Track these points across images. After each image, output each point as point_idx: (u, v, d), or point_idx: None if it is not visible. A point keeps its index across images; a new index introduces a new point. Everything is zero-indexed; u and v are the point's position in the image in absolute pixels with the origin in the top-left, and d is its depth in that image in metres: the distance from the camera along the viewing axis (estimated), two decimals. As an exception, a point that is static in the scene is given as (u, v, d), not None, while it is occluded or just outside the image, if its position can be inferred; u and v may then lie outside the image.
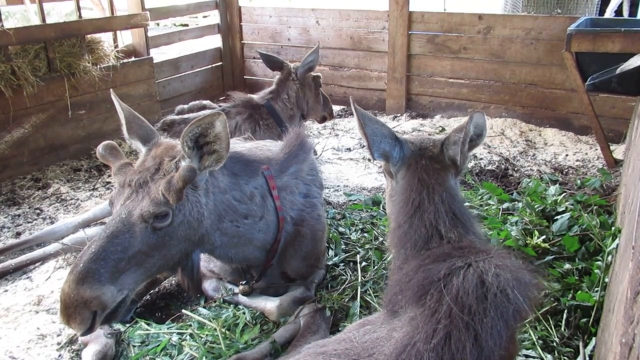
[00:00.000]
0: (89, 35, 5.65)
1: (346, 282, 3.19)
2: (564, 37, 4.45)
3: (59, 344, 2.83)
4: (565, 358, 2.54)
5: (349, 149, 5.90)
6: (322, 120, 5.43)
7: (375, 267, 3.31)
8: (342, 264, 3.43)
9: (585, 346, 2.56)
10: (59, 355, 2.75)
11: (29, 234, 4.10)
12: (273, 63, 5.00)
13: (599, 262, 2.98)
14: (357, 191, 4.79)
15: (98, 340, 2.67)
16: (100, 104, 5.83)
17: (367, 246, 3.57)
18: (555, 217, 3.57)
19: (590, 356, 2.49)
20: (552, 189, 4.06)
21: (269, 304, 2.96)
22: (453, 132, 2.22)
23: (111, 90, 2.73)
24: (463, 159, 2.19)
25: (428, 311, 1.73)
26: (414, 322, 1.74)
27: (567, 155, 5.49)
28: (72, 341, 2.84)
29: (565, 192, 4.26)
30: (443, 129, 6.31)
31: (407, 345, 1.65)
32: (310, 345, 2.00)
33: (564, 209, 3.70)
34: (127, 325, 2.90)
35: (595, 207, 3.77)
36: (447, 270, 1.82)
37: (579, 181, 4.61)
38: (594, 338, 2.57)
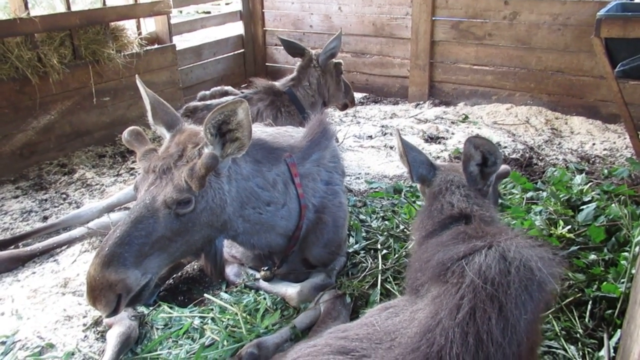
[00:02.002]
0: (112, 23, 5.70)
1: (367, 270, 3.19)
2: (593, 22, 4.33)
3: (84, 325, 2.90)
4: (589, 350, 2.51)
5: (370, 137, 5.86)
6: (344, 107, 5.39)
7: (396, 255, 3.30)
8: (362, 252, 3.42)
9: (609, 338, 2.52)
10: (85, 336, 2.82)
11: (55, 218, 4.19)
12: (294, 49, 4.97)
13: (626, 253, 2.92)
14: (379, 179, 4.77)
15: (122, 322, 2.72)
16: (124, 91, 5.90)
17: (387, 234, 3.56)
18: (581, 207, 3.50)
19: (615, 348, 2.45)
20: (578, 179, 3.98)
21: (290, 290, 2.98)
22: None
23: (137, 75, 2.75)
24: (471, 179, 2.34)
25: (451, 288, 1.75)
26: (437, 300, 1.74)
27: (594, 144, 5.37)
28: (97, 323, 2.91)
29: (592, 181, 4.17)
30: (466, 117, 6.23)
31: (431, 324, 1.66)
32: (332, 329, 2.01)
33: (590, 198, 3.63)
34: (151, 308, 2.96)
35: (622, 197, 3.68)
36: (467, 249, 1.86)
37: (606, 171, 4.51)
38: (619, 330, 2.53)
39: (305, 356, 1.76)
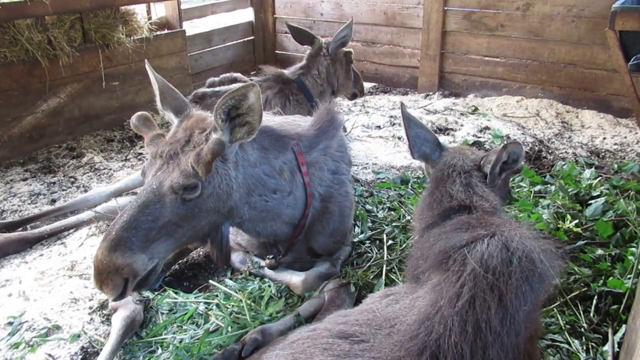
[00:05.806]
0: (123, 7, 5.69)
1: (372, 260, 3.19)
2: (608, 14, 4.27)
3: (90, 308, 2.92)
4: (593, 344, 2.50)
5: (378, 127, 5.83)
6: (353, 97, 5.37)
7: (402, 246, 3.29)
8: (368, 242, 3.42)
9: (614, 333, 2.51)
10: (91, 319, 2.84)
11: (63, 201, 4.21)
12: (302, 36, 4.93)
13: (633, 249, 2.90)
14: (386, 169, 4.76)
15: (127, 306, 2.74)
16: (133, 76, 5.90)
17: (393, 224, 3.55)
18: (589, 202, 3.47)
19: (620, 343, 2.44)
20: (587, 173, 3.94)
21: (295, 278, 2.99)
22: (491, 152, 2.39)
23: (146, 60, 2.75)
24: (492, 178, 2.33)
25: (452, 276, 1.75)
26: (438, 288, 1.74)
27: (604, 138, 5.31)
28: (103, 306, 2.93)
29: (601, 176, 4.13)
30: (476, 109, 6.18)
31: (431, 312, 1.66)
32: (332, 315, 2.02)
33: (598, 193, 3.60)
34: (156, 293, 2.98)
35: (632, 193, 3.65)
36: (470, 238, 1.87)
37: (616, 165, 4.46)
38: (624, 325, 2.52)
39: (305, 339, 1.76)
